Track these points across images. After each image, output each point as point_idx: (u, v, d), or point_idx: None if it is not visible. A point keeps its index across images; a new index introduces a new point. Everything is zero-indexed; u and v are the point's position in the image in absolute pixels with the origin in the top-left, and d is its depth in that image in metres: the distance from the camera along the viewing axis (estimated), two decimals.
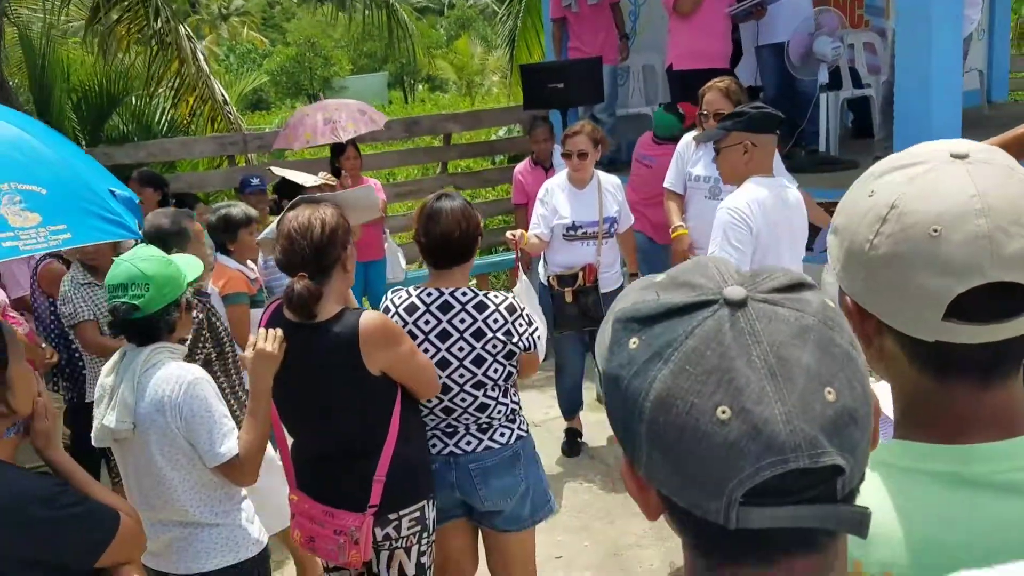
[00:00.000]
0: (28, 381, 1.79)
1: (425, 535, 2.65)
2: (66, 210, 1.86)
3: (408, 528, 2.60)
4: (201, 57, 8.85)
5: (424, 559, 2.67)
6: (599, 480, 4.63)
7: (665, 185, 4.66)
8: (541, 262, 4.85)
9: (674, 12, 5.94)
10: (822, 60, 5.75)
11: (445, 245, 2.76)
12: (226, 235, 3.83)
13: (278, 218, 2.76)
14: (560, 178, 4.72)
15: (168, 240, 3.30)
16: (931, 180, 0.85)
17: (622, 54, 6.87)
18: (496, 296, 2.80)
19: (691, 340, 0.65)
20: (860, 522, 0.66)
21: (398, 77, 26.25)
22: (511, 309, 2.77)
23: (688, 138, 4.48)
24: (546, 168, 5.98)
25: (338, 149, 6.07)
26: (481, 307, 2.74)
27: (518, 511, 2.85)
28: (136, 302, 2.29)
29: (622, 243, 4.83)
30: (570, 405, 5.02)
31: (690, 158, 4.46)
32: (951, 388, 0.89)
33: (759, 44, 6.24)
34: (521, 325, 2.78)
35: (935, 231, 0.83)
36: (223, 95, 8.90)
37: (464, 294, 2.76)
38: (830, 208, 4.80)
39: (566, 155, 4.57)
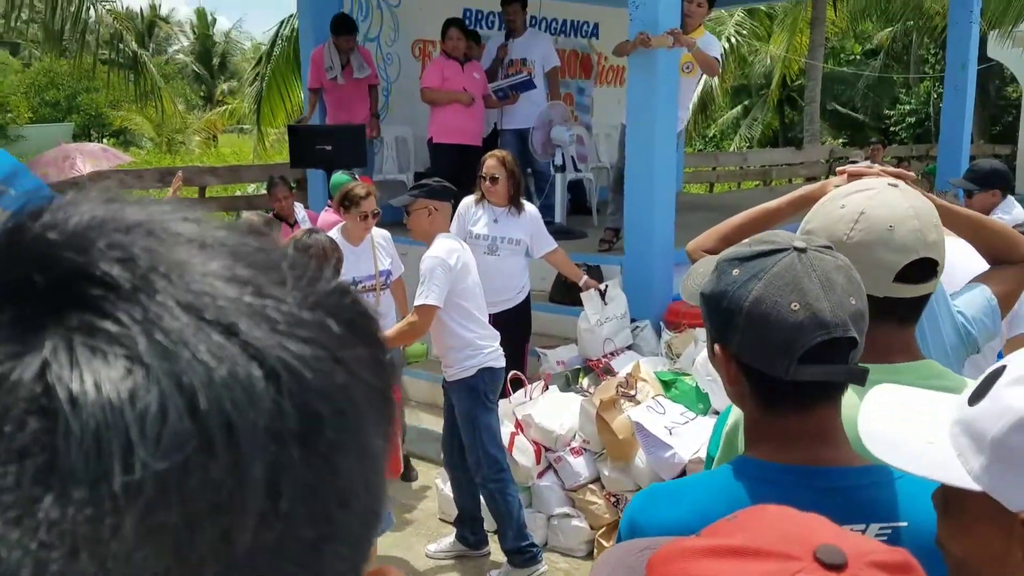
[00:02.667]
0: None
1: None
2: None
3: None
4: None
5: None
6: None
7: None
8: None
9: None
10: (559, 145, 6.74)
11: None
12: None
13: None
14: (335, 235, 5.06)
15: None
16: (883, 198, 1.42)
17: (373, 131, 7.38)
18: None
19: (776, 268, 1.15)
20: (863, 375, 1.17)
21: (84, 129, 24.43)
22: None
23: (469, 200, 5.08)
24: (290, 224, 6.17)
25: None
26: None
27: None
28: None
29: (394, 292, 5.26)
30: None
31: (471, 218, 5.06)
32: (882, 328, 1.32)
33: (502, 127, 7.14)
34: None
35: (890, 227, 1.36)
36: None
37: None
38: (580, 266, 5.57)
39: (363, 216, 4.94)
